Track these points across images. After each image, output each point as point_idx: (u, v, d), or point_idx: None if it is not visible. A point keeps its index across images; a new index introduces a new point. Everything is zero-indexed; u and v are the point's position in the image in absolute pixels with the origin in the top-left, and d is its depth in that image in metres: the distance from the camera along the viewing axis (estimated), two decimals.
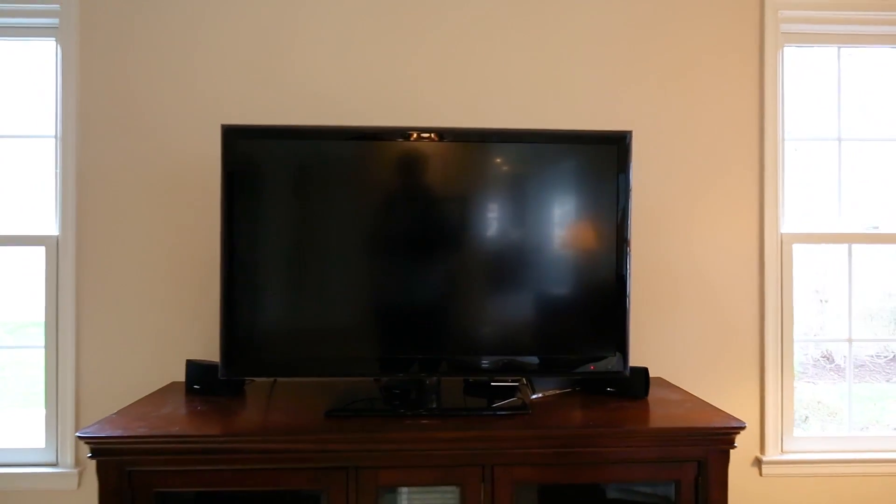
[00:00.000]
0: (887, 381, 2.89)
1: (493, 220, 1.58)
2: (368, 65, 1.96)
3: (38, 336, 1.94)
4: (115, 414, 1.48)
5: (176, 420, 1.44)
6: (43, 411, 1.94)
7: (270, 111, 1.94)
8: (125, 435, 1.33)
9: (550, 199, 1.59)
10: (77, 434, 1.34)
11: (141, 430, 1.35)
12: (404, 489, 1.45)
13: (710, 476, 1.42)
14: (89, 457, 1.33)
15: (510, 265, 1.57)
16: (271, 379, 1.83)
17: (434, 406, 1.54)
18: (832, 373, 2.84)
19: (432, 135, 1.55)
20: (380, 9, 1.96)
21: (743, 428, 1.41)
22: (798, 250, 2.05)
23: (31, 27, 2.00)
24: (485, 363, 1.56)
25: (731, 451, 1.42)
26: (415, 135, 1.55)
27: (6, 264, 1.99)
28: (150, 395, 1.69)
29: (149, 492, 1.35)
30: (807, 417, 2.23)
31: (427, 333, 1.56)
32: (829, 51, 2.11)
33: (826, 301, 2.31)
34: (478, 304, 1.58)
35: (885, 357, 3.21)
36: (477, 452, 1.39)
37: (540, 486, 1.48)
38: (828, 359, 3.04)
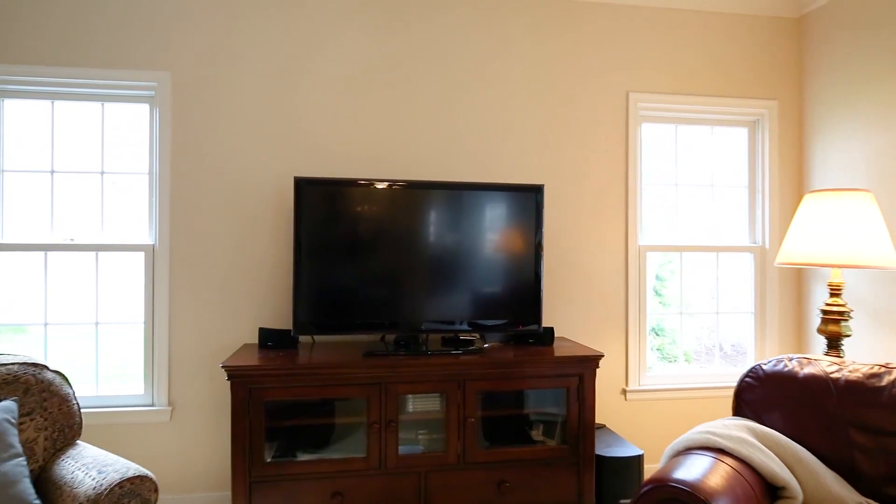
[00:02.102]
0: None
1: (455, 238, 2.60)
2: (378, 135, 2.92)
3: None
4: (231, 357, 2.36)
5: (271, 359, 2.35)
6: (124, 381, 2.76)
7: (304, 162, 2.86)
8: (249, 365, 2.24)
9: (494, 224, 2.63)
10: (221, 365, 2.23)
11: (255, 363, 2.26)
12: (411, 396, 2.43)
13: (585, 385, 2.50)
14: (226, 379, 2.22)
15: (471, 265, 2.59)
16: (311, 340, 2.76)
17: (426, 350, 2.53)
18: (722, 360, 4.01)
19: (413, 185, 2.55)
20: (381, 100, 2.92)
21: (602, 356, 2.50)
22: (659, 257, 3.20)
23: (130, 96, 2.81)
24: (457, 324, 2.57)
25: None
26: (408, 184, 2.54)
27: (116, 267, 2.79)
28: (239, 349, 2.57)
29: (261, 401, 2.26)
30: None
31: (418, 307, 2.55)
32: (670, 127, 3.28)
33: (715, 298, 3.45)
34: (448, 290, 2.59)
35: None
36: (454, 374, 2.40)
37: (490, 392, 2.50)
38: (719, 347, 4.27)
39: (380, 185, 2.55)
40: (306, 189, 2.49)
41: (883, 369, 1.78)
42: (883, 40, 2.74)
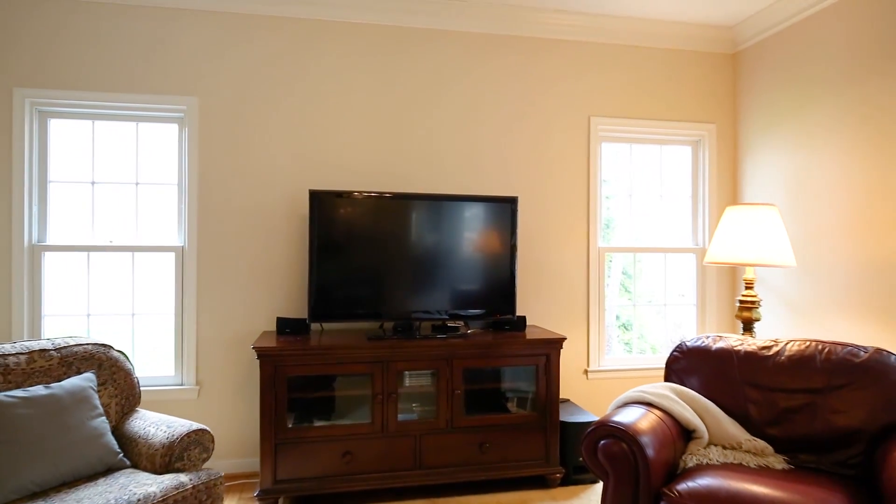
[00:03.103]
0: None
1: (444, 241, 3.10)
2: (379, 153, 3.40)
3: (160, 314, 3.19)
4: (257, 340, 2.82)
5: (292, 342, 2.82)
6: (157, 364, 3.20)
7: (315, 176, 3.32)
8: (275, 346, 2.71)
9: (477, 229, 3.14)
10: (252, 346, 2.69)
11: (280, 345, 2.73)
12: (407, 372, 2.93)
13: (551, 362, 3.03)
14: (257, 358, 2.69)
15: (453, 265, 3.10)
16: (320, 327, 3.23)
17: (419, 335, 3.02)
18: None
19: (409, 196, 3.05)
20: (382, 123, 3.41)
21: (565, 338, 3.03)
22: (625, 257, 3.74)
23: (161, 117, 3.24)
24: (444, 312, 3.08)
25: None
26: (404, 196, 3.04)
27: (150, 265, 3.22)
28: (261, 335, 3.03)
29: (284, 376, 2.73)
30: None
31: (412, 299, 3.05)
32: (626, 145, 3.83)
33: (683, 295, 4.01)
34: (438, 285, 3.09)
35: None
36: (443, 354, 2.90)
37: (473, 369, 3.01)
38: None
39: (383, 196, 3.04)
40: (319, 199, 2.96)
41: (772, 343, 2.34)
42: (799, 77, 3.33)
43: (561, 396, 3.57)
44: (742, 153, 3.81)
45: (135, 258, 3.20)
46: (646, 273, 3.90)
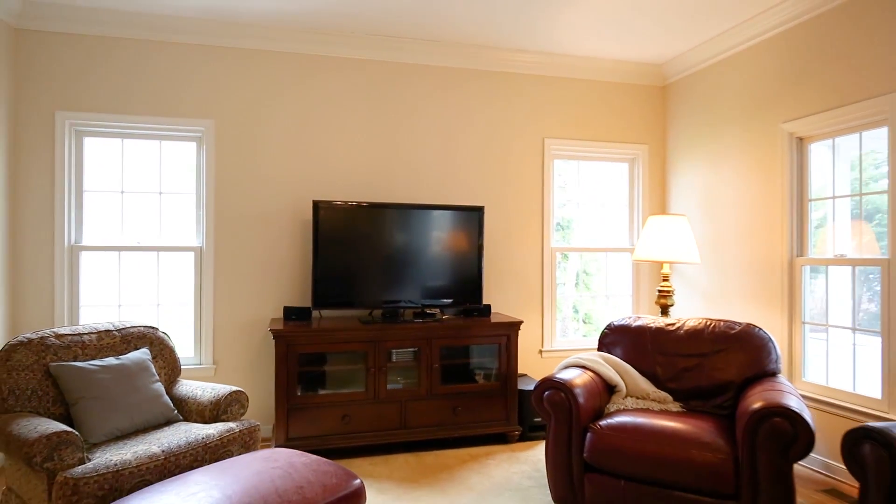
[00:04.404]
0: None
1: (423, 243, 3.76)
2: (368, 170, 4.03)
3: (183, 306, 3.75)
4: (270, 324, 3.42)
5: (300, 326, 3.43)
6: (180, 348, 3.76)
7: (316, 187, 3.93)
8: (287, 329, 3.32)
9: (450, 233, 3.81)
10: (269, 329, 3.29)
11: (290, 328, 3.34)
12: (394, 350, 3.58)
13: (511, 342, 3.73)
14: (273, 339, 3.29)
15: (430, 262, 3.77)
16: (318, 315, 3.84)
17: (403, 319, 3.67)
18: None
19: (395, 206, 3.70)
20: (374, 145, 4.04)
21: (522, 322, 3.73)
22: (585, 255, 4.47)
23: (182, 136, 3.79)
24: (423, 301, 3.74)
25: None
26: (390, 205, 3.69)
27: (172, 263, 3.76)
28: (271, 321, 3.62)
29: (295, 353, 3.35)
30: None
31: (397, 291, 3.70)
32: (573, 162, 4.56)
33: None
34: (418, 279, 3.75)
35: None
36: (424, 335, 3.57)
37: (448, 347, 3.68)
38: None
39: (375, 206, 3.68)
40: (321, 207, 3.58)
41: (676, 321, 3.10)
42: (710, 109, 4.12)
43: (519, 371, 4.27)
44: (669, 170, 4.60)
45: (159, 257, 3.74)
46: (598, 270, 4.65)
